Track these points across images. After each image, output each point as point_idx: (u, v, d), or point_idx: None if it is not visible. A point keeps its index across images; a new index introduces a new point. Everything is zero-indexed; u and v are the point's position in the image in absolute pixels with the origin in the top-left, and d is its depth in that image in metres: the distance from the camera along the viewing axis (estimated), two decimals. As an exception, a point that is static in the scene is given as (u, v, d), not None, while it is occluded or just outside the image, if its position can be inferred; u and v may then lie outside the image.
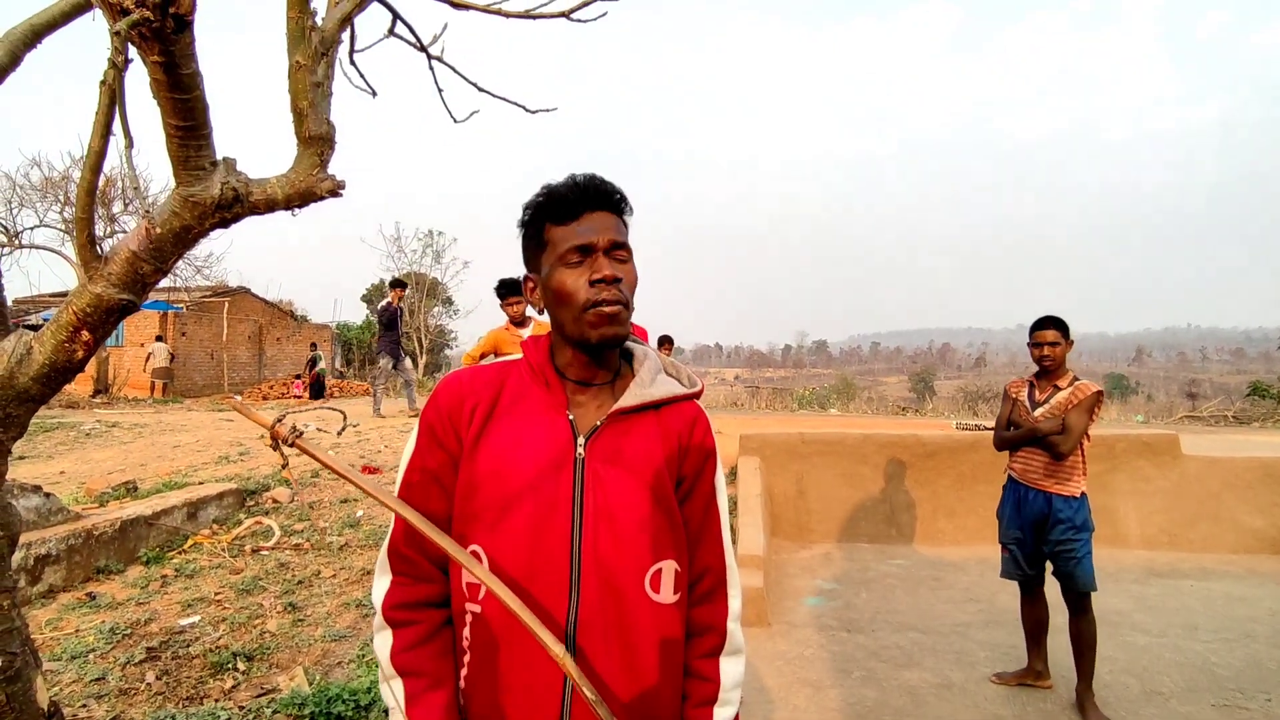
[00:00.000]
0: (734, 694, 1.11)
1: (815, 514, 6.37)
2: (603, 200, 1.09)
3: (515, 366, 1.17)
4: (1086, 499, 3.32)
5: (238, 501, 5.64)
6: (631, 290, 1.10)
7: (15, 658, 1.29)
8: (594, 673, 1.00)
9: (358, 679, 3.15)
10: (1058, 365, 3.33)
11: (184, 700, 3.01)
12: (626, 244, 1.10)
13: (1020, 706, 3.28)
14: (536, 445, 1.06)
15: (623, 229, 1.11)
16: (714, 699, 1.09)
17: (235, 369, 21.83)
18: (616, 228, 1.10)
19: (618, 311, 1.06)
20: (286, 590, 4.24)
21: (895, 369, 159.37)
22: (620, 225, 1.11)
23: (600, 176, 1.12)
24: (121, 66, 1.23)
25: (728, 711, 1.10)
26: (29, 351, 1.30)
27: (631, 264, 1.11)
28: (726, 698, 1.10)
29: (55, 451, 8.65)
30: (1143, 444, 6.19)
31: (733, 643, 1.12)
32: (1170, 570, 5.45)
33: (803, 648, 3.96)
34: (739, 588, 1.16)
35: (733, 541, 1.21)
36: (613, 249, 1.08)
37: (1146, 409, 18.66)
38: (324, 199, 1.53)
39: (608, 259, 1.07)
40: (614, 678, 1.00)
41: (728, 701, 1.10)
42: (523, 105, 2.61)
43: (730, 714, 1.10)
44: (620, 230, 1.10)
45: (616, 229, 1.09)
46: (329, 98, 1.60)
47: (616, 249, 1.08)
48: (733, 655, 1.12)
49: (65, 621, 3.67)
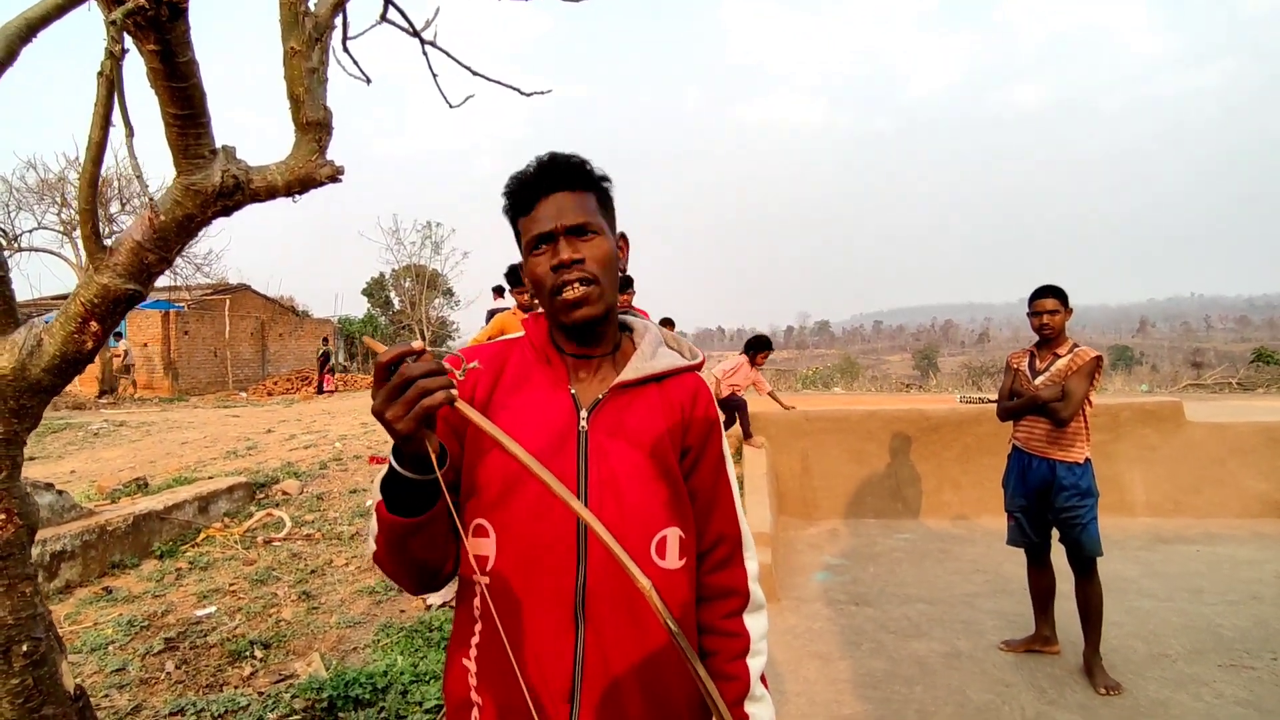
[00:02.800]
0: (762, 644, 1.14)
1: (821, 491, 6.41)
2: (559, 181, 1.07)
3: (518, 344, 1.18)
4: (1090, 465, 3.34)
5: (248, 494, 5.69)
6: (602, 265, 1.07)
7: (40, 642, 1.32)
8: (604, 637, 1.02)
9: (373, 663, 3.20)
10: (1057, 334, 3.35)
11: (204, 688, 3.07)
12: (588, 222, 1.07)
13: (1029, 672, 3.32)
14: (540, 420, 1.07)
15: (587, 205, 1.08)
16: (746, 651, 1.12)
17: (239, 366, 21.88)
18: (577, 207, 1.07)
19: (583, 294, 1.05)
20: (300, 579, 4.29)
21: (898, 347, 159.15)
22: (583, 202, 1.08)
23: (558, 155, 1.09)
24: (119, 56, 1.24)
25: (760, 660, 1.13)
26: (39, 343, 1.32)
27: (600, 239, 1.07)
28: (757, 648, 1.13)
29: (65, 451, 8.71)
30: (1147, 412, 6.20)
31: (755, 600, 1.15)
32: (1176, 536, 5.48)
33: (811, 621, 4.00)
34: (754, 550, 1.18)
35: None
36: (571, 231, 1.06)
37: (1151, 379, 18.63)
38: (324, 184, 1.54)
39: (567, 241, 1.06)
40: (624, 642, 1.02)
41: (759, 651, 1.13)
42: (517, 88, 2.61)
43: (762, 663, 1.13)
44: (582, 208, 1.07)
45: (577, 208, 1.07)
46: (324, 84, 1.60)
47: (576, 230, 1.06)
48: (756, 611, 1.15)
49: (84, 615, 3.73)
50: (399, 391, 0.83)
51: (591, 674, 1.01)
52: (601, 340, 1.14)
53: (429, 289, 30.02)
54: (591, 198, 1.10)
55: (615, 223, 1.16)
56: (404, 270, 30.61)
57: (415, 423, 0.84)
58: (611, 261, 1.09)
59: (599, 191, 1.11)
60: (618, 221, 1.17)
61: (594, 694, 1.01)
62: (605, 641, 1.02)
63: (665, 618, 0.88)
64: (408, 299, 30.63)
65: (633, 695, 1.02)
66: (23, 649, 1.29)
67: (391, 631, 3.56)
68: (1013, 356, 3.62)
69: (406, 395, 0.83)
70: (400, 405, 0.83)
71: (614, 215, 1.16)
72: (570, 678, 1.01)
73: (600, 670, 1.02)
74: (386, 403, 0.84)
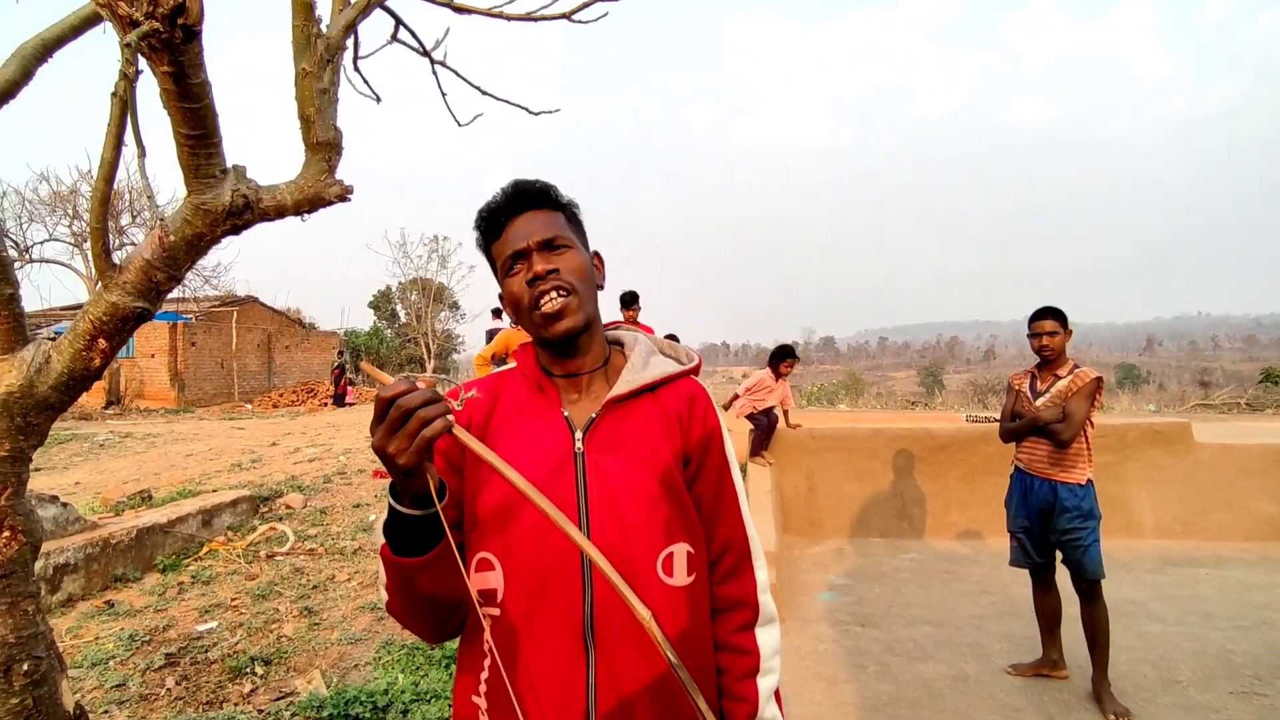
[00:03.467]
0: (774, 662, 1.11)
1: (826, 509, 6.37)
2: (524, 202, 1.10)
3: (510, 375, 1.18)
4: (1093, 486, 3.32)
5: (251, 508, 5.68)
6: (577, 275, 1.08)
7: (41, 661, 1.31)
8: (615, 662, 1.00)
9: (374, 681, 3.18)
10: (1057, 355, 3.34)
11: (204, 705, 3.04)
12: (559, 235, 1.09)
13: (1036, 697, 3.27)
14: (536, 447, 1.07)
15: (556, 222, 1.10)
16: (756, 670, 1.09)
17: (245, 377, 21.96)
18: (546, 224, 1.09)
19: (562, 305, 1.06)
20: (302, 595, 4.27)
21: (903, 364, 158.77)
22: (552, 219, 1.10)
23: (521, 181, 1.12)
24: (132, 78, 1.25)
25: (771, 680, 1.10)
26: (48, 360, 1.32)
27: (572, 251, 1.09)
28: (768, 666, 1.10)
29: (70, 462, 8.73)
30: (1155, 433, 6.16)
31: (765, 613, 1.12)
32: (1185, 559, 5.42)
33: (817, 643, 3.96)
34: (764, 559, 1.15)
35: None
36: (544, 246, 1.08)
37: (1158, 398, 18.52)
38: (333, 204, 1.55)
39: (540, 255, 1.07)
40: (636, 666, 1.00)
41: (770, 670, 1.10)
42: (525, 107, 2.63)
43: (774, 682, 1.10)
44: (552, 224, 1.09)
45: (546, 225, 1.09)
46: (335, 104, 1.62)
47: (548, 245, 1.08)
48: (767, 625, 1.12)
49: (85, 629, 3.71)
50: (399, 424, 0.83)
51: (605, 701, 1.00)
52: (587, 353, 1.13)
53: (435, 302, 30.14)
54: (559, 216, 1.12)
55: (587, 241, 1.18)
56: (410, 283, 30.76)
57: (418, 455, 0.84)
58: (586, 273, 1.10)
59: (566, 212, 1.13)
60: (589, 241, 1.19)
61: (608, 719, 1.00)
62: (617, 667, 1.00)
63: (665, 648, 0.87)
64: (414, 312, 30.74)
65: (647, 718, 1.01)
66: (23, 668, 1.28)
67: (393, 649, 3.53)
68: (1014, 377, 3.62)
69: (407, 427, 0.83)
70: (402, 438, 0.83)
71: (584, 234, 1.17)
72: (584, 707, 0.99)
73: (613, 697, 1.00)
74: (388, 437, 0.84)
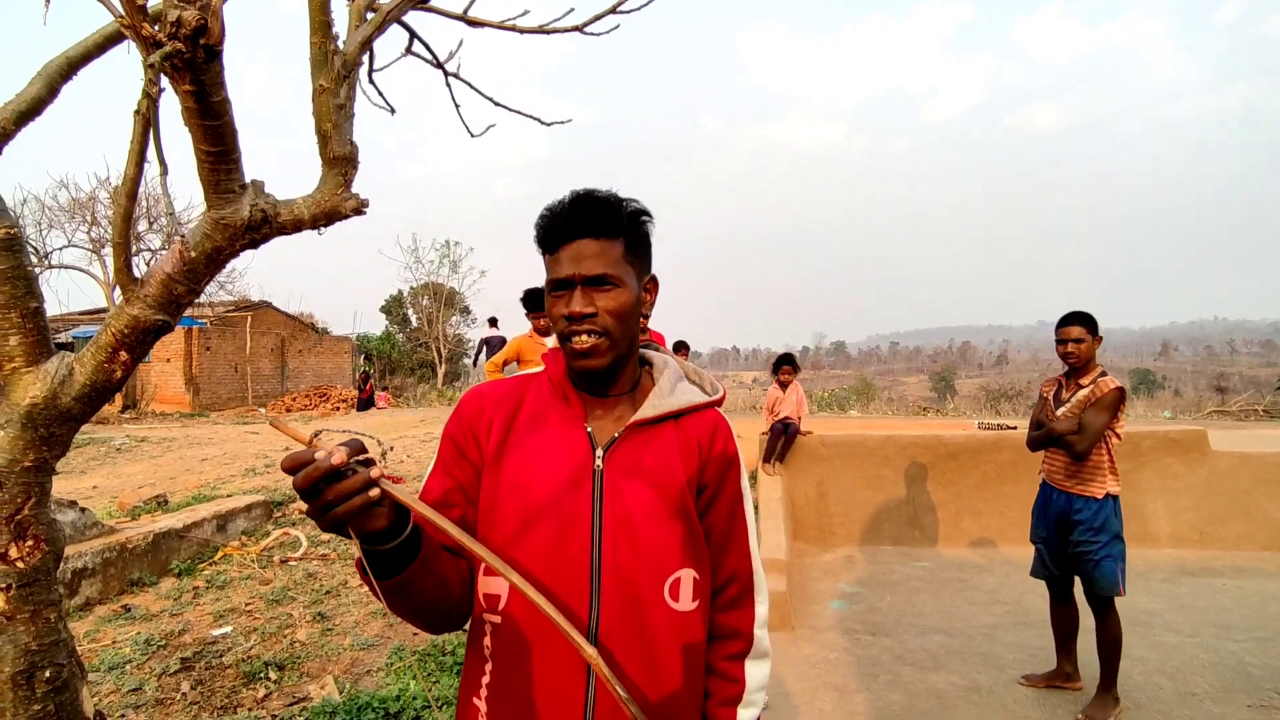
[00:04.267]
0: (758, 696, 1.12)
1: (837, 517, 6.34)
2: (584, 226, 1.04)
3: (536, 380, 1.18)
4: (1113, 501, 3.22)
5: (265, 513, 5.73)
6: (617, 318, 1.05)
7: (63, 668, 1.33)
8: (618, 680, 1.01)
9: (386, 687, 3.19)
10: (1083, 362, 3.25)
11: (218, 710, 3.07)
12: (607, 273, 1.04)
13: (1050, 710, 3.25)
14: (556, 459, 1.07)
15: (610, 254, 1.05)
16: (738, 699, 1.10)
17: (259, 382, 22.15)
18: (599, 256, 1.04)
19: (591, 346, 1.04)
20: (315, 600, 4.30)
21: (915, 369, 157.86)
22: (606, 251, 1.05)
23: (589, 197, 1.06)
24: (155, 96, 1.28)
25: (751, 713, 1.11)
26: (70, 373, 1.35)
27: (618, 290, 1.05)
28: (751, 699, 1.11)
29: (87, 467, 8.84)
30: (1170, 441, 6.09)
31: (759, 648, 1.13)
32: (1202, 569, 5.36)
33: (827, 651, 3.95)
34: (766, 594, 1.17)
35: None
36: (590, 282, 1.04)
37: (1174, 404, 18.32)
38: (349, 217, 1.57)
39: (584, 292, 1.04)
40: (636, 685, 1.02)
41: (752, 703, 1.11)
42: (538, 118, 2.65)
43: (753, 715, 1.11)
44: (604, 257, 1.04)
45: (597, 258, 1.04)
46: (351, 119, 1.64)
47: (595, 280, 1.04)
48: (758, 659, 1.13)
49: (102, 633, 3.76)
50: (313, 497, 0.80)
51: (604, 709, 1.01)
52: (614, 384, 1.14)
53: (446, 307, 30.31)
54: (618, 245, 1.07)
55: (647, 264, 1.13)
56: (422, 288, 30.97)
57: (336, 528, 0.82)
58: (629, 313, 1.07)
59: (629, 235, 1.08)
60: (652, 261, 1.15)
61: None
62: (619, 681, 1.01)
63: (613, 685, 0.88)
64: (425, 316, 30.93)
65: None
66: (45, 675, 1.30)
67: (405, 655, 3.55)
68: (1044, 384, 3.58)
69: (315, 505, 0.80)
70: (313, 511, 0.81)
71: (647, 257, 1.13)
72: (583, 713, 1.01)
73: (613, 714, 1.01)
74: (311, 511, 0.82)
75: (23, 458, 1.30)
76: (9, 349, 1.32)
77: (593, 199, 1.06)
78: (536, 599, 0.89)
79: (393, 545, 0.89)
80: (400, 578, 0.92)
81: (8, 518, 1.30)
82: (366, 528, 0.85)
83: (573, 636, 0.89)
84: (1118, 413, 3.20)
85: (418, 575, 0.94)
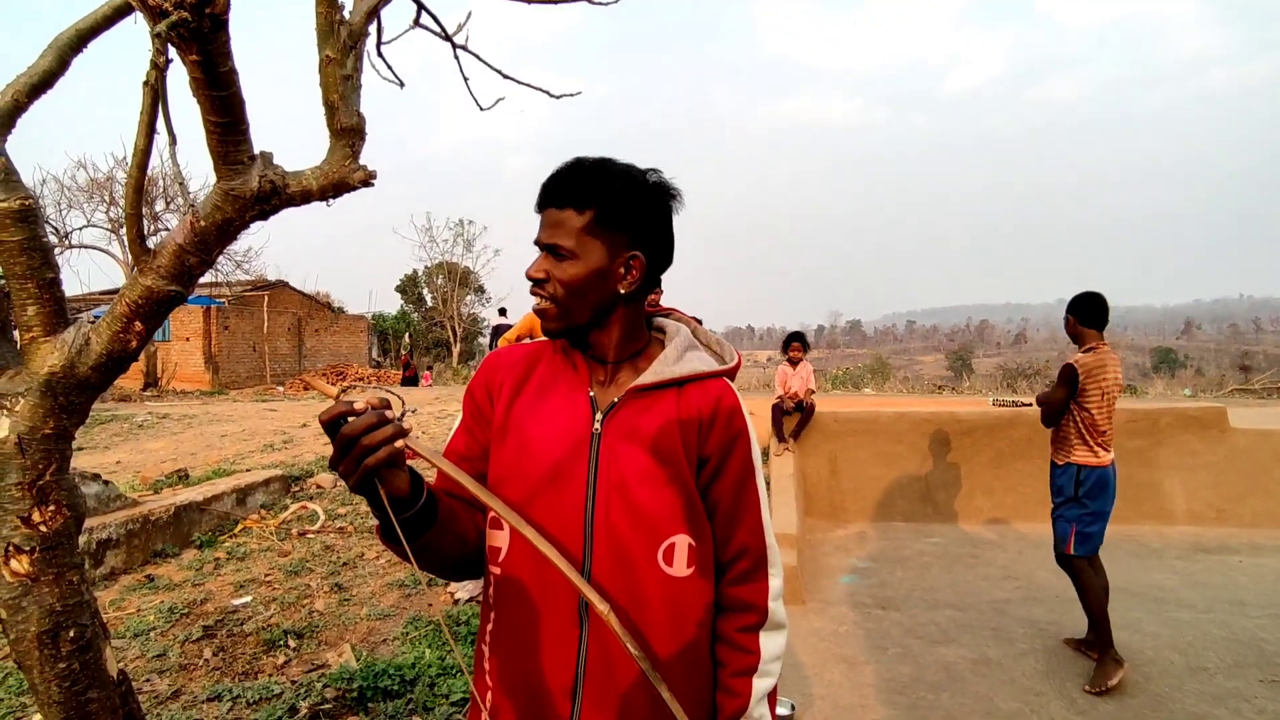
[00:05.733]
0: (774, 666, 1.12)
1: (849, 493, 6.35)
2: (555, 196, 1.08)
3: (548, 346, 1.20)
4: (1075, 469, 3.48)
5: (283, 487, 5.83)
6: (566, 287, 1.07)
7: (86, 629, 1.38)
8: (606, 637, 1.03)
9: (402, 655, 3.26)
10: (1075, 341, 3.61)
11: (240, 675, 3.16)
12: (560, 245, 1.07)
13: (1058, 681, 3.26)
14: (558, 422, 1.10)
15: (570, 225, 1.07)
16: (753, 669, 1.10)
17: (276, 360, 22.40)
18: (557, 227, 1.07)
19: (543, 309, 1.10)
20: (332, 571, 4.39)
21: (932, 347, 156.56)
22: (567, 222, 1.07)
23: (567, 166, 1.09)
24: (162, 67, 1.28)
25: (767, 683, 1.11)
26: (87, 342, 1.37)
27: (571, 263, 1.07)
28: (766, 669, 1.11)
29: (110, 442, 9.01)
30: (1189, 418, 6.03)
31: (774, 619, 1.13)
32: (1218, 546, 5.32)
33: (838, 625, 3.98)
34: (780, 567, 1.16)
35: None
36: (548, 249, 1.09)
37: (1195, 383, 18.08)
38: (356, 189, 1.58)
39: (543, 257, 1.10)
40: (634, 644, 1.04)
41: (767, 673, 1.11)
42: (547, 90, 2.63)
43: (769, 685, 1.11)
44: (563, 229, 1.07)
45: (555, 228, 1.07)
46: (358, 90, 1.64)
47: (551, 249, 1.08)
48: (773, 630, 1.13)
49: (127, 602, 3.86)
50: (346, 450, 0.86)
51: (594, 671, 1.03)
52: (597, 349, 1.14)
53: (461, 286, 30.40)
54: (583, 216, 1.06)
55: (635, 239, 1.10)
56: (436, 267, 31.06)
57: (361, 480, 0.87)
58: (581, 285, 1.07)
59: (601, 207, 1.07)
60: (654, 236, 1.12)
61: (596, 692, 1.03)
62: (607, 640, 1.03)
63: (625, 641, 0.90)
64: (440, 295, 31.06)
65: (635, 696, 1.03)
66: (70, 634, 1.35)
67: (420, 625, 3.62)
68: None
69: (352, 454, 0.85)
70: (349, 462, 0.86)
71: (632, 231, 1.09)
72: (574, 673, 1.04)
73: (602, 668, 1.03)
74: (338, 460, 0.87)
75: (43, 425, 1.33)
76: (27, 319, 1.35)
77: (571, 169, 1.08)
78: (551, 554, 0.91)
79: (413, 512, 0.95)
80: (421, 540, 0.98)
81: (30, 483, 1.33)
82: (391, 487, 0.91)
83: (587, 593, 0.91)
84: (1076, 387, 3.44)
85: (436, 536, 1.00)
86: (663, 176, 1.13)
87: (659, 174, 1.13)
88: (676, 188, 1.14)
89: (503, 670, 1.08)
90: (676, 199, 1.14)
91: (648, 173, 1.11)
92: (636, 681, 1.03)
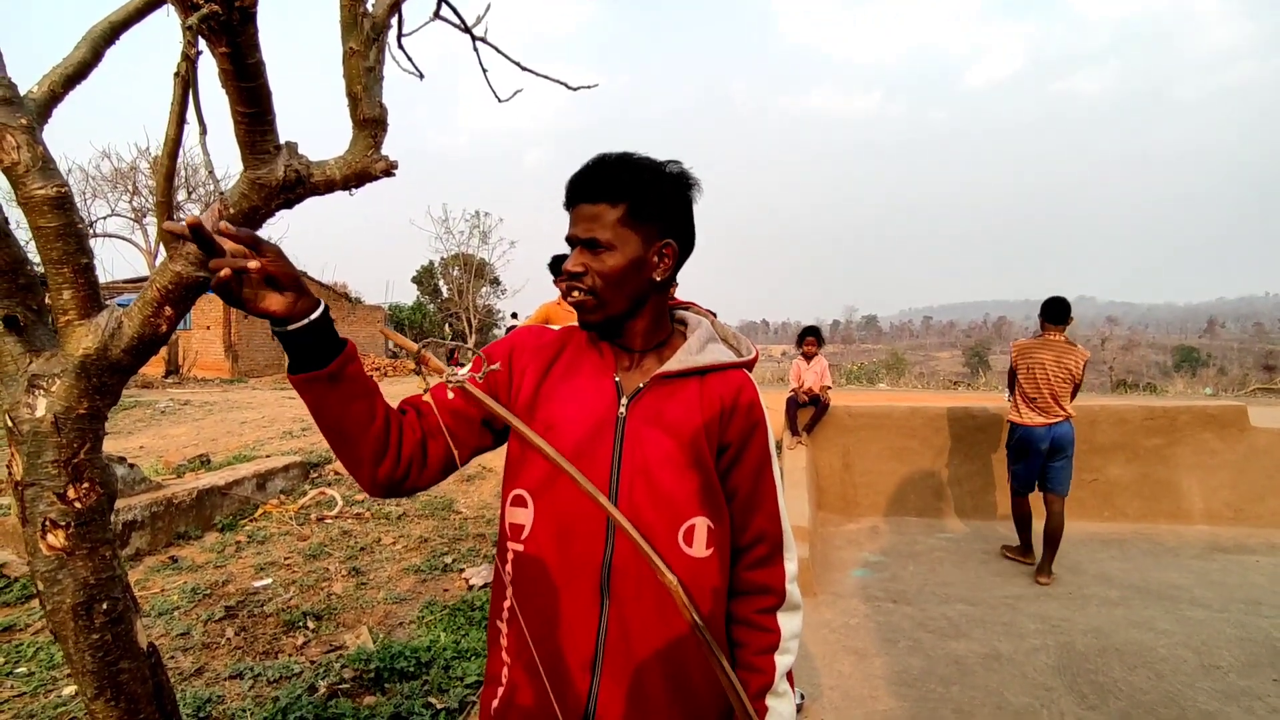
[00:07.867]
0: (793, 643, 1.16)
1: (861, 488, 6.35)
2: (587, 191, 1.11)
3: (576, 333, 1.24)
4: (1011, 425, 4.81)
5: (302, 473, 5.92)
6: (606, 279, 1.11)
7: (118, 602, 1.43)
8: (627, 615, 1.06)
9: (418, 638, 3.33)
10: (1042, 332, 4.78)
11: (260, 654, 3.23)
12: (597, 238, 1.10)
13: (1070, 677, 3.26)
14: (584, 404, 1.13)
15: (605, 218, 1.10)
16: (775, 647, 1.14)
17: (295, 349, 22.59)
18: (593, 221, 1.10)
19: (580, 301, 1.13)
20: (350, 556, 4.46)
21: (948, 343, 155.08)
22: (602, 216, 1.10)
23: (597, 161, 1.12)
24: (193, 58, 1.32)
25: (788, 659, 1.15)
26: (120, 326, 1.42)
27: (610, 254, 1.10)
28: (786, 646, 1.15)
29: (134, 428, 9.18)
30: (1208, 416, 5.96)
31: (791, 600, 1.17)
32: (1236, 546, 5.27)
33: (848, 617, 3.99)
34: (795, 551, 1.20)
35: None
36: (584, 244, 1.12)
37: (1217, 382, 17.82)
38: (379, 179, 1.61)
39: (579, 252, 1.13)
40: (646, 621, 1.07)
41: (788, 650, 1.15)
42: (564, 83, 2.65)
43: (790, 661, 1.15)
44: (599, 222, 1.10)
45: (592, 222, 1.11)
46: (380, 81, 1.67)
47: (588, 244, 1.11)
48: (791, 610, 1.17)
49: (151, 582, 3.96)
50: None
51: (613, 648, 1.06)
52: (626, 337, 1.19)
53: (476, 278, 30.51)
54: (617, 209, 1.10)
55: (666, 227, 1.14)
56: (453, 259, 31.19)
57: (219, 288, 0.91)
58: (620, 276, 1.11)
59: (634, 199, 1.11)
60: (681, 224, 1.16)
61: (614, 668, 1.06)
62: (627, 618, 1.06)
63: (691, 612, 0.93)
64: (456, 287, 31.20)
65: (653, 673, 1.06)
66: (103, 607, 1.40)
67: (435, 609, 3.69)
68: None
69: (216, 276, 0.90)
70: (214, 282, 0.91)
71: (663, 220, 1.14)
72: (593, 649, 1.07)
73: (621, 646, 1.06)
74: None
75: (78, 405, 1.38)
76: (63, 302, 1.40)
77: (598, 164, 1.11)
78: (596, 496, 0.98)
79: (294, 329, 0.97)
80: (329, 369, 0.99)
81: (65, 461, 1.38)
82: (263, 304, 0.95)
83: (655, 562, 0.95)
84: (1013, 366, 4.79)
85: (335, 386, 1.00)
86: (683, 167, 1.17)
87: (679, 165, 1.17)
88: (695, 177, 1.18)
89: (521, 646, 1.11)
90: (696, 188, 1.18)
91: (669, 164, 1.16)
92: (655, 659, 1.07)
